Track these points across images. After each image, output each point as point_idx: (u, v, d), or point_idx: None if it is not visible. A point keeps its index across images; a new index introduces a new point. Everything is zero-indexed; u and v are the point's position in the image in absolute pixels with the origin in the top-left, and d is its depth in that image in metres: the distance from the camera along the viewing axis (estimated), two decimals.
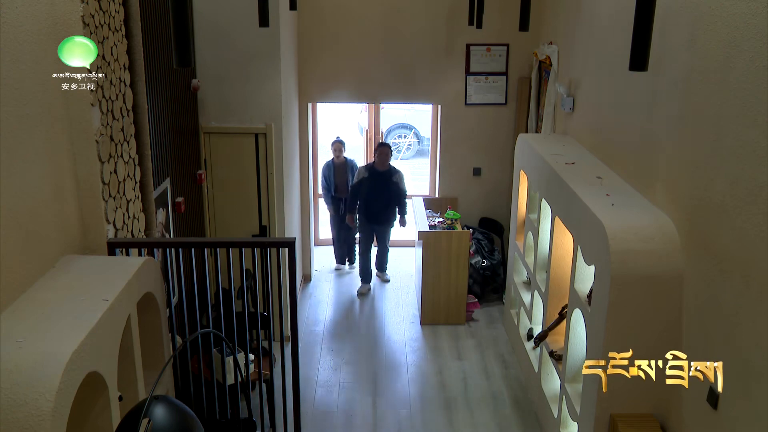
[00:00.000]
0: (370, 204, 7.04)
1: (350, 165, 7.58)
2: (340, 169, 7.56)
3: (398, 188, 7.03)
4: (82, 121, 3.21)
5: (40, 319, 2.55)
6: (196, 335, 4.05)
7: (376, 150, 7.10)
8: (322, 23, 6.92)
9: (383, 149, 7.03)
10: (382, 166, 6.97)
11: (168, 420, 1.81)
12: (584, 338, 4.21)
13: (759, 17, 2.91)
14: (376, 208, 7.03)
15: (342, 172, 7.57)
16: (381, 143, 7.19)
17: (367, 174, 7.00)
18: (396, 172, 7.04)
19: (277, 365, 5.58)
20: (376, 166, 7.02)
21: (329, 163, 7.56)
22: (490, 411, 5.36)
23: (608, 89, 4.86)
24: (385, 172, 6.98)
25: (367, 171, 7.03)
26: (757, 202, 2.92)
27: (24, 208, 2.77)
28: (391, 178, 7.00)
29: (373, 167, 7.03)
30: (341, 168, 7.55)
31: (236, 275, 5.16)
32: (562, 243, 4.79)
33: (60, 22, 3.04)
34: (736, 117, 3.09)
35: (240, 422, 4.53)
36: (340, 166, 7.53)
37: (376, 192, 6.98)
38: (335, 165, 7.52)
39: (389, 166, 6.99)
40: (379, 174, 6.99)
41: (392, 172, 7.02)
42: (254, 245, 3.88)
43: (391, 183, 6.99)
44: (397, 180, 7.01)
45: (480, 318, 6.82)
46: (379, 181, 6.96)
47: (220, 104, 5.68)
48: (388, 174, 7.00)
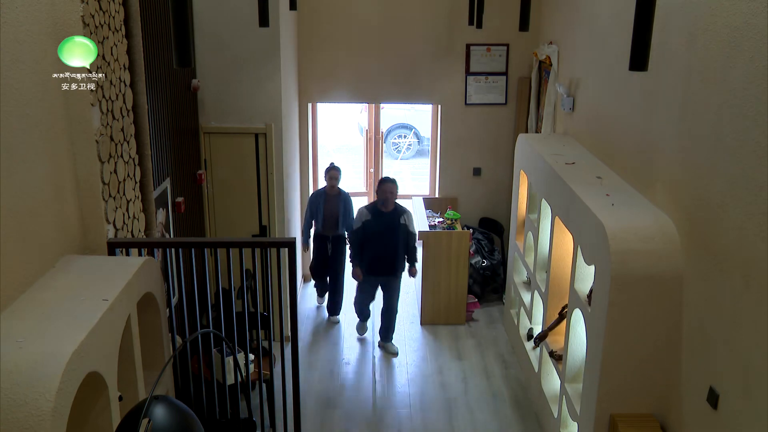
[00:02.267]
0: (375, 252, 5.98)
1: (344, 198, 6.50)
2: (331, 202, 6.49)
3: (407, 231, 5.99)
4: (82, 121, 3.20)
5: (40, 319, 2.54)
6: (196, 335, 4.05)
7: (379, 188, 5.97)
8: (322, 23, 6.92)
9: (387, 186, 5.91)
10: (387, 207, 5.93)
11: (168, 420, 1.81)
12: (584, 338, 4.21)
13: (759, 17, 2.91)
14: (382, 257, 5.98)
15: (334, 205, 6.48)
16: (384, 179, 6.01)
17: (370, 216, 5.94)
18: (404, 211, 5.99)
19: (277, 365, 5.58)
20: (380, 206, 5.95)
21: (320, 193, 6.54)
22: (490, 411, 5.36)
23: (608, 89, 4.86)
24: (391, 212, 5.94)
25: (369, 213, 5.96)
26: (757, 202, 2.92)
27: (24, 208, 2.77)
28: (398, 220, 5.95)
29: (377, 208, 5.96)
30: (333, 200, 6.49)
31: (236, 275, 5.16)
32: (562, 243, 4.79)
33: (60, 22, 3.04)
34: (736, 117, 3.09)
35: (240, 422, 4.52)
36: (333, 197, 6.48)
37: (382, 237, 5.93)
38: (327, 196, 6.49)
39: (395, 204, 5.96)
40: (384, 216, 5.93)
41: (399, 212, 5.96)
42: (254, 245, 3.88)
43: (398, 226, 5.93)
44: (405, 222, 5.97)
45: (480, 318, 6.82)
46: (384, 225, 5.91)
47: (220, 104, 5.68)
48: (394, 215, 5.94)
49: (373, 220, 5.91)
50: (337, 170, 6.46)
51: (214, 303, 3.97)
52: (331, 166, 6.49)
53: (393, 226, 5.92)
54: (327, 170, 6.47)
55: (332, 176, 6.42)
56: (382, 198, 5.90)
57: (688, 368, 3.57)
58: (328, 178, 6.44)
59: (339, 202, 6.44)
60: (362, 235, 5.95)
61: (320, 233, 6.53)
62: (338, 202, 6.44)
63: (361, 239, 5.97)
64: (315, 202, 6.47)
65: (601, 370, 3.76)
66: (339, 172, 6.47)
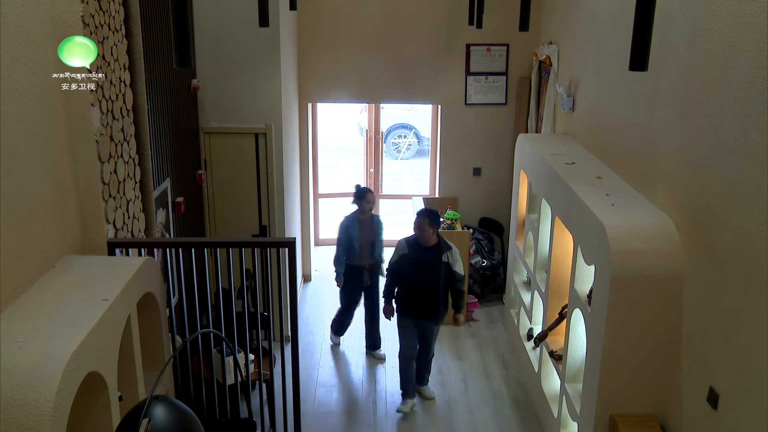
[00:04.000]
0: (411, 291, 5.17)
1: (377, 223, 5.95)
2: (365, 227, 5.84)
3: (451, 272, 5.17)
4: (82, 121, 3.21)
5: (40, 319, 2.54)
6: (196, 335, 4.05)
7: (417, 222, 5.14)
8: (322, 23, 6.92)
9: (426, 221, 5.11)
10: (426, 241, 5.15)
11: (168, 420, 1.81)
12: (584, 338, 4.21)
13: (759, 17, 2.91)
14: (418, 296, 5.17)
15: (368, 230, 5.84)
16: (425, 210, 5.27)
17: (408, 250, 5.18)
18: (448, 247, 5.18)
19: (277, 365, 5.58)
20: (420, 239, 5.18)
21: (352, 218, 5.87)
22: (490, 411, 5.36)
23: (608, 89, 4.86)
24: (433, 248, 5.15)
25: (408, 246, 5.20)
26: (757, 202, 2.92)
27: (24, 208, 2.77)
28: (441, 257, 5.15)
29: (417, 241, 5.17)
30: (366, 225, 5.85)
31: (236, 275, 5.15)
32: (562, 243, 4.79)
33: (60, 22, 3.04)
34: (736, 117, 3.09)
35: (240, 422, 4.52)
36: (366, 222, 5.86)
37: (419, 275, 5.15)
38: (359, 221, 5.86)
39: (439, 239, 5.20)
40: (424, 251, 5.15)
41: (443, 248, 5.16)
42: (254, 245, 3.88)
43: (439, 263, 5.13)
44: (448, 260, 5.14)
45: (480, 318, 6.82)
46: (425, 261, 5.13)
47: (220, 104, 5.68)
48: (437, 250, 5.15)
49: (410, 254, 5.15)
50: (373, 193, 5.95)
51: (214, 303, 3.97)
52: (366, 189, 5.90)
53: (433, 263, 5.14)
54: (361, 194, 5.84)
55: (369, 200, 5.82)
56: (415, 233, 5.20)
57: (688, 368, 3.57)
58: (365, 203, 5.81)
59: (373, 227, 5.88)
60: (399, 270, 5.20)
61: (356, 263, 5.88)
62: (372, 227, 5.88)
63: (397, 275, 5.24)
64: (348, 229, 5.83)
65: (601, 370, 3.76)
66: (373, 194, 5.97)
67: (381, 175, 8.38)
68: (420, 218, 5.13)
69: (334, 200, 9.23)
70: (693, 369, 3.51)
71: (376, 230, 5.88)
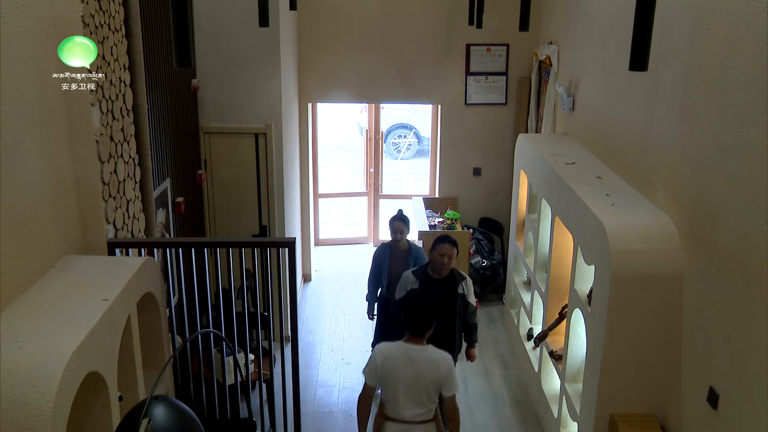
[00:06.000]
0: None
1: (414, 254, 5.28)
2: (398, 258, 5.28)
3: (465, 303, 4.69)
4: (82, 121, 3.21)
5: (40, 319, 2.55)
6: (196, 335, 4.05)
7: (434, 248, 4.60)
8: (322, 23, 6.92)
9: (445, 248, 4.54)
10: (441, 272, 4.60)
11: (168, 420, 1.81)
12: (584, 338, 4.21)
13: (759, 17, 2.91)
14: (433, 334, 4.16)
15: (401, 262, 5.25)
16: (442, 237, 4.64)
17: (417, 284, 4.60)
18: (462, 278, 4.65)
19: (277, 365, 5.58)
20: (430, 271, 4.63)
21: (386, 248, 5.37)
22: (490, 411, 5.36)
23: (608, 89, 4.86)
24: (446, 280, 4.61)
25: (417, 280, 4.62)
26: (757, 202, 2.92)
27: (24, 208, 2.77)
28: (456, 290, 4.62)
29: (426, 273, 4.63)
30: (401, 256, 5.28)
31: (236, 275, 5.15)
32: (562, 243, 4.79)
33: (60, 22, 3.04)
34: (736, 117, 3.09)
35: (240, 422, 4.52)
36: (401, 253, 5.29)
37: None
38: (393, 251, 5.31)
39: (452, 270, 4.64)
40: (436, 284, 4.59)
41: (456, 279, 4.63)
42: (254, 245, 3.88)
43: (455, 297, 4.61)
44: (464, 291, 4.64)
45: (480, 318, 6.82)
46: (438, 296, 4.48)
47: (220, 104, 5.68)
48: (449, 283, 4.61)
49: (421, 289, 4.51)
50: (405, 221, 5.25)
51: (214, 303, 3.97)
52: (398, 216, 5.30)
53: (448, 297, 4.58)
54: (392, 221, 5.29)
55: (397, 229, 5.22)
56: (436, 263, 4.56)
57: (688, 368, 3.57)
58: (393, 231, 5.26)
59: (409, 259, 5.25)
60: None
61: (386, 295, 5.29)
62: (407, 258, 5.26)
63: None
64: (380, 259, 5.34)
65: (601, 370, 3.76)
66: (407, 223, 5.25)
67: (381, 175, 8.38)
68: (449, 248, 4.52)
69: (334, 200, 9.24)
70: (693, 369, 3.51)
71: (411, 262, 5.19)
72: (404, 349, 3.69)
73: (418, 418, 3.71)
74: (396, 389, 3.67)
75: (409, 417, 3.70)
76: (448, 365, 3.67)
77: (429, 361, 3.65)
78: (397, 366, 3.66)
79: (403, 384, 3.66)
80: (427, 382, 3.64)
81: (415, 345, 3.70)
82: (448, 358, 3.71)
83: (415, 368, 3.64)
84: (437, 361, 3.66)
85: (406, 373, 3.64)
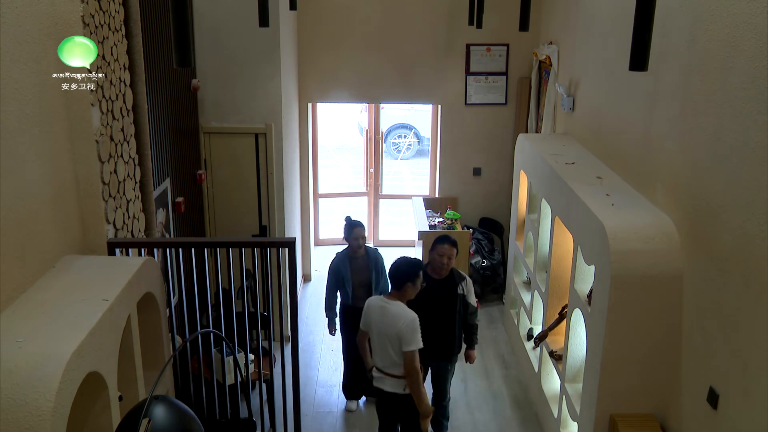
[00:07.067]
0: (424, 333, 4.02)
1: (373, 258, 5.11)
2: (358, 265, 5.08)
3: (465, 304, 4.62)
4: (82, 121, 3.21)
5: (40, 319, 2.54)
6: (196, 335, 4.05)
7: (433, 248, 4.57)
8: (322, 23, 6.92)
9: (444, 248, 4.52)
10: (440, 273, 4.56)
11: (168, 420, 1.81)
12: (584, 338, 4.21)
13: (759, 17, 2.91)
14: (432, 335, 4.39)
15: (362, 268, 5.07)
16: (442, 237, 4.62)
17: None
18: (462, 279, 4.60)
19: (277, 365, 5.58)
20: (430, 271, 4.57)
21: (342, 257, 5.11)
22: (490, 411, 5.36)
23: (608, 89, 4.86)
24: (445, 280, 4.56)
25: None
26: (757, 202, 2.92)
27: (24, 208, 2.77)
28: (455, 290, 4.56)
29: (426, 273, 4.48)
30: (361, 263, 5.09)
31: (236, 275, 5.15)
32: (562, 243, 4.79)
33: (60, 22, 3.04)
34: (736, 117, 3.09)
35: (240, 422, 4.52)
36: (359, 260, 5.09)
37: (434, 313, 4.48)
38: (351, 259, 5.10)
39: (452, 270, 4.60)
40: (435, 284, 4.53)
41: (456, 279, 4.57)
42: (254, 245, 3.88)
43: (454, 297, 4.55)
44: (464, 292, 4.58)
45: (480, 318, 6.82)
46: (437, 297, 4.49)
47: (220, 104, 5.68)
48: (449, 283, 4.56)
49: (419, 291, 4.21)
50: (362, 227, 5.09)
51: (214, 303, 3.97)
52: (356, 222, 5.10)
53: (448, 297, 4.53)
54: (350, 228, 5.08)
55: (359, 235, 5.03)
56: (436, 264, 4.53)
57: (688, 368, 3.57)
58: (354, 239, 5.05)
59: (369, 264, 5.08)
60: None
61: (350, 305, 5.08)
62: (368, 263, 5.08)
63: None
64: (340, 270, 5.08)
65: (601, 370, 3.76)
66: (363, 228, 5.10)
67: (381, 175, 8.38)
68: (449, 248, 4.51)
69: (334, 200, 9.24)
70: (693, 369, 3.51)
71: (372, 267, 5.07)
72: (381, 301, 4.10)
73: (386, 369, 4.07)
74: (372, 337, 4.14)
75: (380, 366, 4.11)
76: (409, 320, 3.94)
77: (393, 315, 3.98)
78: (372, 315, 4.10)
79: (375, 332, 4.09)
80: (390, 333, 3.97)
81: (390, 299, 4.07)
82: (412, 315, 3.97)
83: (384, 319, 4.01)
84: (400, 315, 3.97)
85: (378, 323, 4.05)
